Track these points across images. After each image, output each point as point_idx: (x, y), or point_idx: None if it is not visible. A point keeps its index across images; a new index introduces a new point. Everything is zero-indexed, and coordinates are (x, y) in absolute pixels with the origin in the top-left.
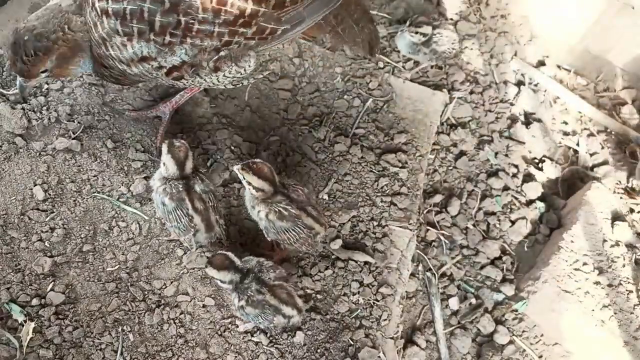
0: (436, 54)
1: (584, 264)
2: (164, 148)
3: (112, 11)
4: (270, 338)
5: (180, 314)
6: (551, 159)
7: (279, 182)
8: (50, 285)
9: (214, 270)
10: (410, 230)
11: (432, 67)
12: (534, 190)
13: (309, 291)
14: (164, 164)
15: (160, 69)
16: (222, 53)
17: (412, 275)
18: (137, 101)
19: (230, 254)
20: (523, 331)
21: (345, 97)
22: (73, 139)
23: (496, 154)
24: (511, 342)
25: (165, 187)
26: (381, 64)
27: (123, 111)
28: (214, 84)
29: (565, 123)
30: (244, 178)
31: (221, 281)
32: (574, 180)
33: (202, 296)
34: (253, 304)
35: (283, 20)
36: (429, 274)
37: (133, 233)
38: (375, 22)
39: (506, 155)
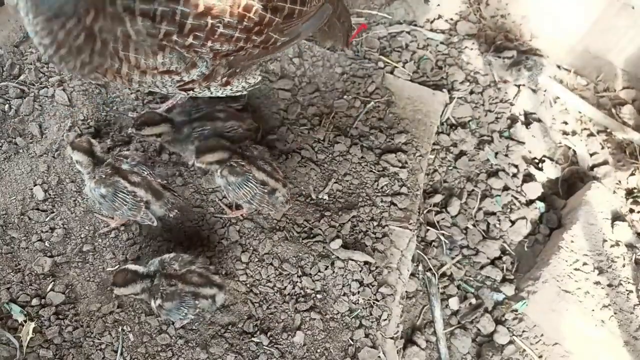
0: None
1: (584, 264)
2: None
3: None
4: (270, 338)
5: None
6: (551, 159)
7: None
8: (50, 285)
9: (121, 288)
10: (410, 230)
11: (432, 69)
12: (534, 190)
13: (309, 291)
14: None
15: (178, 82)
16: (238, 69)
17: (412, 275)
18: (137, 102)
19: (128, 266)
20: (523, 331)
21: (345, 97)
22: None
23: (496, 154)
24: (511, 342)
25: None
26: (381, 64)
27: (123, 112)
28: (217, 95)
29: (565, 123)
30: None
31: (136, 295)
32: (574, 180)
33: None
34: (168, 298)
35: (285, 33)
36: (429, 274)
37: (133, 233)
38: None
39: (506, 155)
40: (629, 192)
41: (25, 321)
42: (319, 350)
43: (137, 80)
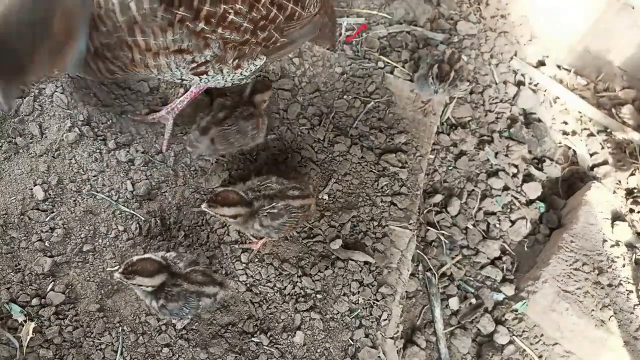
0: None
1: (584, 264)
2: None
3: None
4: (270, 338)
5: None
6: (551, 159)
7: (248, 190)
8: (50, 285)
9: (146, 279)
10: (410, 230)
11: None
12: (534, 190)
13: (309, 291)
14: None
15: (191, 63)
16: (247, 51)
17: (412, 275)
18: (138, 103)
19: (151, 255)
20: (523, 331)
21: (345, 97)
22: (73, 139)
23: (496, 154)
24: (511, 342)
25: None
26: (381, 64)
27: (124, 113)
28: (226, 81)
29: (565, 123)
30: (215, 214)
31: (153, 286)
32: (574, 180)
33: None
34: (173, 299)
35: (284, 34)
36: (429, 274)
37: (133, 233)
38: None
39: (506, 155)
40: (629, 192)
41: (25, 321)
42: (319, 350)
43: (153, 65)
